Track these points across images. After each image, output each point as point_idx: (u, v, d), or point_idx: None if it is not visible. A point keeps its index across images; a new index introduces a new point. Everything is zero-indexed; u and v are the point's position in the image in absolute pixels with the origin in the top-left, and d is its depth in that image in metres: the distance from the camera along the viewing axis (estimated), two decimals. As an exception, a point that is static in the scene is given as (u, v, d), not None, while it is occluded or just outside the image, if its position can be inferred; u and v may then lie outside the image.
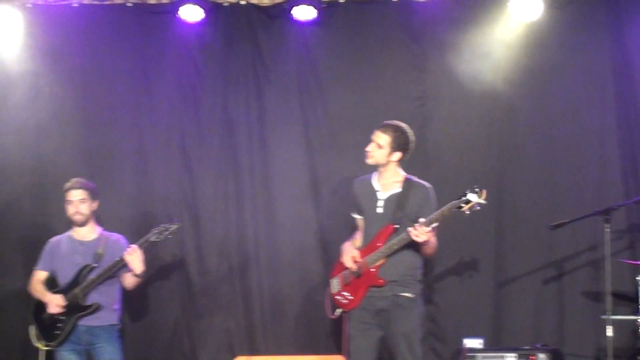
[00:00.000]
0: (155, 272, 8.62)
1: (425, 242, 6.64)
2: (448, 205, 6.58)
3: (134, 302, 8.38)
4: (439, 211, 6.61)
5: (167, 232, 7.29)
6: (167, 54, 8.85)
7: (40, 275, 7.50)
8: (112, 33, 8.85)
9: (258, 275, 8.71)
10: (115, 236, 7.51)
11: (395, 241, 6.72)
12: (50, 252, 7.51)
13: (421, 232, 6.56)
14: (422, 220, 6.59)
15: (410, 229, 6.60)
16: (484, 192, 6.52)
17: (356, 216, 7.17)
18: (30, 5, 8.76)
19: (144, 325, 8.71)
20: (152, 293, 8.70)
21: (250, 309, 8.70)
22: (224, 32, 8.81)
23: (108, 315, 7.34)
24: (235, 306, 8.71)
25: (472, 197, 6.50)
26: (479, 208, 6.59)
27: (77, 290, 7.22)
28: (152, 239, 7.28)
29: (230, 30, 8.80)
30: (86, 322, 7.26)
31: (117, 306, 7.44)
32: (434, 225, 6.66)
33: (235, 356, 8.28)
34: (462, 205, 6.54)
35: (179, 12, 8.60)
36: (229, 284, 8.74)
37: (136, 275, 7.24)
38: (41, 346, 7.35)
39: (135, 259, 7.14)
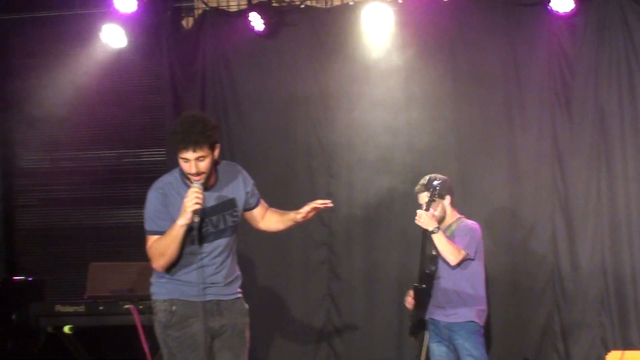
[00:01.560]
0: (526, 266, 8.65)
1: None
2: None
3: (502, 299, 8.48)
4: None
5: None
6: (538, 46, 8.74)
7: None
8: (482, 27, 8.84)
9: (632, 267, 8.49)
10: (471, 223, 7.32)
11: None
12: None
13: None
14: None
15: None
16: None
17: None
18: (400, 1, 8.85)
19: (514, 319, 8.67)
20: (521, 289, 8.68)
21: (623, 302, 8.51)
22: (595, 21, 8.62)
23: (466, 312, 7.21)
24: (608, 300, 8.54)
25: None
26: None
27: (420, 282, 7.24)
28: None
29: (601, 20, 8.61)
30: (445, 318, 7.19)
31: (474, 302, 7.27)
32: None
33: (608, 351, 8.08)
34: None
35: (550, 4, 8.48)
36: (602, 278, 8.56)
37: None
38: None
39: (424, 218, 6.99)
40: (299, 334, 9.06)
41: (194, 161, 5.31)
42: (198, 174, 5.35)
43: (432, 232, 6.97)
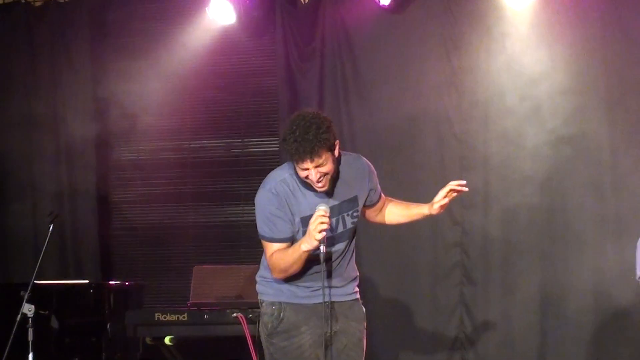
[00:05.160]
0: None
1: None
2: None
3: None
4: None
5: None
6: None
7: None
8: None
9: None
10: None
11: None
12: None
13: None
14: None
15: None
16: None
17: None
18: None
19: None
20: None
21: None
22: None
23: None
24: None
25: None
26: None
27: None
28: None
29: None
30: None
31: None
32: None
33: None
34: None
35: None
36: None
37: None
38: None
39: None
40: (428, 345, 8.72)
41: (313, 169, 4.90)
42: (320, 180, 4.94)
43: None
